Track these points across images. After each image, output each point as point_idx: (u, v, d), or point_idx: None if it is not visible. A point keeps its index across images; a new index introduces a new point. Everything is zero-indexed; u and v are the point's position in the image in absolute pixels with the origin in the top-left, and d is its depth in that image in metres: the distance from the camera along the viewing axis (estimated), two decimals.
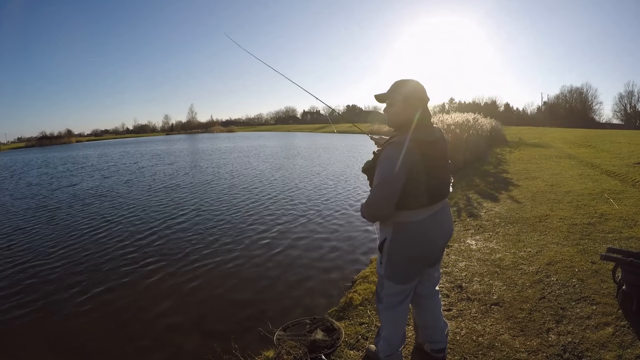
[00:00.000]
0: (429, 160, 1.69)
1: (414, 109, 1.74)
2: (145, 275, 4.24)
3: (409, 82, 1.78)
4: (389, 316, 1.97)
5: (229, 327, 3.06)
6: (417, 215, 1.74)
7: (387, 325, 2.00)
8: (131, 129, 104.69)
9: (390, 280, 1.87)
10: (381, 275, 1.90)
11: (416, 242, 1.77)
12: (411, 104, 1.74)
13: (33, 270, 4.56)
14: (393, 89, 1.79)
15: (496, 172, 8.70)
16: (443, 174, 1.82)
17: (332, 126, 42.85)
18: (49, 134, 68.46)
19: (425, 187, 1.69)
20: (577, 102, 47.68)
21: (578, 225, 4.39)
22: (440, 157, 1.79)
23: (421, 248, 1.80)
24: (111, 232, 6.01)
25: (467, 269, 3.41)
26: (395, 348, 2.03)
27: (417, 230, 1.75)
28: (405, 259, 1.80)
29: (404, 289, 1.89)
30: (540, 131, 24.37)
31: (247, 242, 5.22)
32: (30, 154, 36.11)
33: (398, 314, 1.95)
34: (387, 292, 1.91)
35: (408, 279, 1.86)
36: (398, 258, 1.81)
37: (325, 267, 4.24)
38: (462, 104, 53.13)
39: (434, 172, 1.72)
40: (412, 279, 1.88)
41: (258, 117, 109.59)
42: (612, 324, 2.41)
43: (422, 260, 1.85)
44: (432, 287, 2.08)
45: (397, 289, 1.89)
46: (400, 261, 1.81)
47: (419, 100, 1.75)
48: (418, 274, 1.90)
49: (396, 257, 1.81)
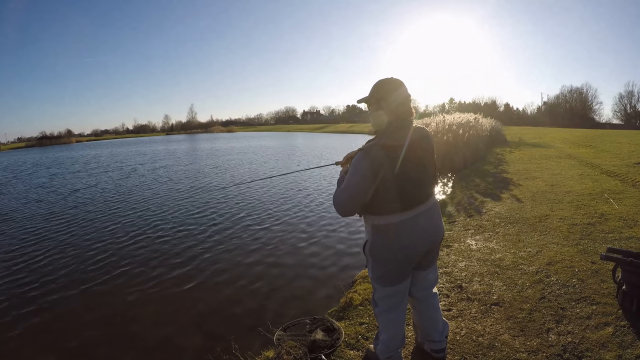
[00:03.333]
0: (402, 165, 1.67)
1: (388, 112, 1.73)
2: (145, 275, 4.24)
3: (384, 82, 1.76)
4: (386, 319, 1.96)
5: (229, 327, 3.06)
6: (394, 218, 1.73)
7: (385, 328, 1.99)
8: (131, 129, 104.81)
9: (377, 284, 1.88)
10: (371, 278, 1.92)
11: (394, 244, 1.75)
12: (386, 106, 1.73)
13: (32, 270, 4.56)
14: (370, 92, 1.78)
15: (496, 172, 8.70)
16: (421, 177, 1.77)
17: (332, 126, 42.84)
18: (49, 134, 68.44)
19: (396, 192, 1.68)
20: (577, 102, 47.66)
21: (578, 225, 4.39)
22: (417, 160, 1.74)
23: (400, 250, 1.77)
24: (112, 232, 6.01)
25: (467, 269, 3.41)
26: (394, 350, 2.03)
27: (394, 232, 1.74)
28: (386, 260, 1.80)
29: (393, 291, 1.87)
30: (540, 131, 24.35)
31: (247, 242, 5.22)
32: (31, 154, 36.07)
33: (394, 317, 1.95)
34: (379, 295, 1.92)
35: (394, 281, 1.84)
36: (379, 260, 1.81)
37: (325, 267, 4.24)
38: (462, 104, 53.22)
39: (407, 177, 1.69)
40: (399, 280, 1.85)
41: (258, 117, 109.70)
42: (612, 324, 2.41)
43: (403, 261, 1.81)
44: (428, 288, 2.06)
45: (386, 291, 1.88)
46: (382, 263, 1.81)
47: (393, 101, 1.73)
48: (404, 276, 1.86)
49: (378, 259, 1.81)
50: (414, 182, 1.73)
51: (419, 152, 1.76)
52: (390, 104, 1.73)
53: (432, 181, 1.89)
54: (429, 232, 1.82)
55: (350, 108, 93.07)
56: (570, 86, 49.58)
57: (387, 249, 1.77)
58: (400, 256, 1.78)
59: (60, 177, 14.11)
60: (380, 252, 1.79)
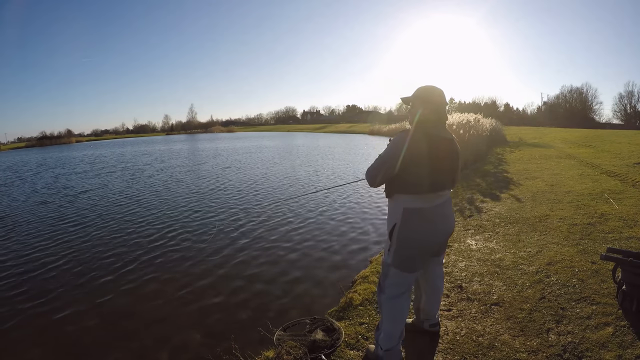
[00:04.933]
0: (434, 151, 1.87)
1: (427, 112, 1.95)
2: (145, 275, 4.24)
3: (426, 87, 2.01)
4: (391, 307, 2.03)
5: (229, 327, 3.06)
6: (425, 203, 1.90)
7: (388, 317, 2.05)
8: (131, 129, 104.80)
9: (397, 268, 1.97)
10: (387, 263, 2.01)
11: (425, 228, 1.91)
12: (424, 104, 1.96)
13: (32, 269, 4.56)
14: (414, 93, 2.03)
15: (496, 172, 8.70)
16: (447, 167, 1.96)
17: (332, 126, 43.06)
18: (49, 134, 68.27)
19: (427, 173, 1.86)
20: (577, 102, 47.65)
21: (578, 225, 4.39)
22: (446, 154, 1.95)
23: (429, 235, 1.93)
24: (115, 231, 6.01)
25: (467, 269, 3.41)
26: (395, 341, 2.07)
27: (425, 217, 1.90)
28: (414, 245, 1.92)
29: (407, 278, 1.99)
30: (540, 131, 24.36)
31: (247, 242, 5.22)
32: (32, 154, 36.04)
33: (399, 306, 2.03)
34: (391, 281, 2.01)
35: (414, 267, 1.97)
36: (407, 244, 1.92)
37: (325, 267, 4.24)
38: (462, 104, 53.13)
39: (436, 164, 1.88)
40: (417, 268, 2.00)
41: (258, 117, 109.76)
42: (612, 324, 2.41)
43: (428, 248, 1.97)
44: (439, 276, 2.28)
45: (401, 277, 1.98)
46: (409, 247, 1.93)
47: (429, 102, 1.96)
48: (421, 264, 2.02)
49: (405, 243, 1.92)
50: (444, 167, 1.94)
51: (450, 146, 1.99)
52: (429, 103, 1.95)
53: (455, 175, 2.06)
54: (449, 222, 2.03)
55: (350, 108, 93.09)
56: (570, 86, 49.67)
57: (415, 232, 1.91)
58: (427, 241, 1.94)
59: (78, 177, 14.03)
60: (409, 236, 1.92)
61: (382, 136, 32.91)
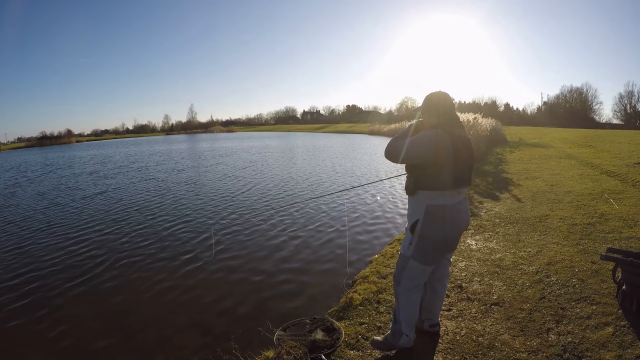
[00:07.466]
0: (457, 150, 1.99)
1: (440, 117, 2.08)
2: (146, 275, 4.24)
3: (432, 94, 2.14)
4: (407, 297, 2.18)
5: (229, 327, 3.06)
6: (447, 200, 2.02)
7: (404, 306, 2.20)
8: (131, 129, 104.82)
9: (416, 261, 2.10)
10: (406, 256, 2.13)
11: (445, 224, 2.01)
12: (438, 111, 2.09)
13: (31, 268, 4.56)
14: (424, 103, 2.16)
15: (496, 172, 8.71)
16: (467, 164, 2.10)
17: (332, 126, 43.05)
18: (49, 134, 68.31)
19: (451, 169, 1.98)
20: (577, 102, 47.65)
21: (578, 225, 4.39)
22: (466, 152, 2.08)
23: (449, 231, 2.03)
24: (115, 230, 6.01)
25: (467, 269, 3.41)
26: (411, 328, 2.25)
27: (446, 213, 2.01)
28: (435, 239, 2.04)
29: (425, 271, 2.14)
30: (540, 131, 24.36)
31: (246, 242, 5.22)
32: (33, 154, 36.02)
33: (415, 295, 2.20)
34: (409, 273, 2.14)
35: (433, 260, 2.12)
36: (429, 239, 2.04)
37: (325, 267, 4.24)
38: (462, 104, 53.08)
39: (459, 162, 2.01)
40: (436, 261, 2.15)
41: (258, 117, 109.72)
42: (612, 324, 2.41)
43: (447, 242, 2.09)
44: (444, 277, 2.36)
45: (420, 270, 2.12)
46: (429, 242, 2.04)
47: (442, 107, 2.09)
48: (441, 257, 2.17)
49: (427, 238, 2.04)
50: (464, 165, 2.06)
51: (469, 145, 2.13)
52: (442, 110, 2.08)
53: (471, 173, 2.18)
54: (466, 219, 2.15)
55: (350, 108, 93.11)
56: (570, 86, 49.69)
57: (437, 228, 2.02)
58: (446, 237, 2.05)
59: (96, 178, 14.06)
60: (431, 231, 2.03)
61: (382, 136, 32.92)
